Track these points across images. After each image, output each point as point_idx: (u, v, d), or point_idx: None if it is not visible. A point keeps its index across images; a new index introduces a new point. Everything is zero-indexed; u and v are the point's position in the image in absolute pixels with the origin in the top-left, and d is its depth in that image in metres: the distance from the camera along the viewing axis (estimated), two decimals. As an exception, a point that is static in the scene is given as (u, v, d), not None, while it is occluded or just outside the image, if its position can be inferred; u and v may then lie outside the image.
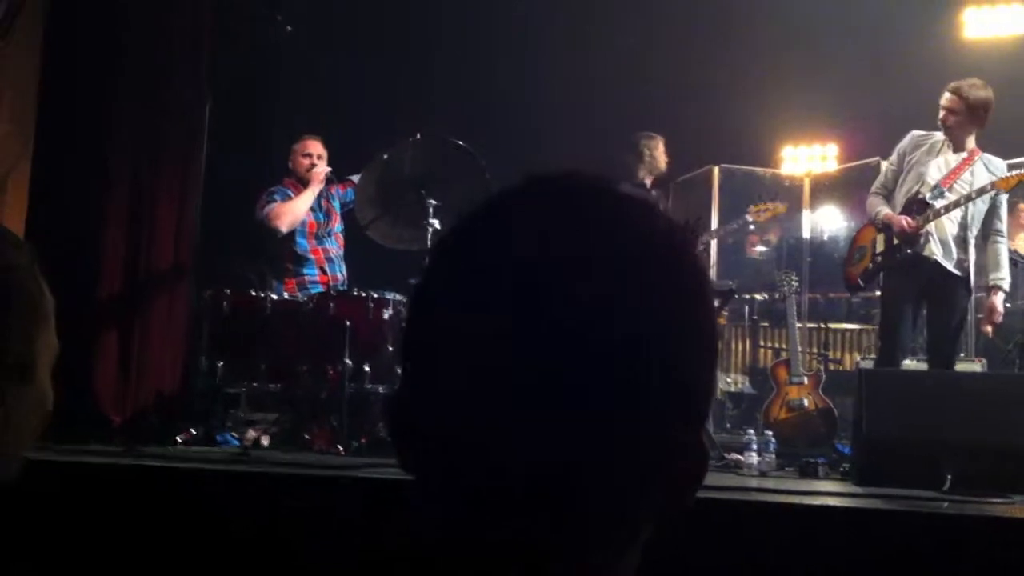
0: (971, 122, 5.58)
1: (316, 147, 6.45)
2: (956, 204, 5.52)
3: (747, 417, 6.81)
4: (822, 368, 7.10)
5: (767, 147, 8.74)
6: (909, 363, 6.09)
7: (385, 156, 5.82)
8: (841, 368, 7.34)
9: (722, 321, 7.28)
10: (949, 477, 4.41)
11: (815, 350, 7.15)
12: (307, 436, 5.44)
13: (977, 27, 9.27)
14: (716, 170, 8.13)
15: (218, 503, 4.11)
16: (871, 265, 5.78)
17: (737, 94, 8.26)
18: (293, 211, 6.26)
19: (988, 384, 5.26)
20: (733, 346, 7.72)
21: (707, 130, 7.96)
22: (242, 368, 5.64)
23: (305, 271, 6.35)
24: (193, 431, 5.46)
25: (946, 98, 5.60)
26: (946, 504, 4.03)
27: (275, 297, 5.83)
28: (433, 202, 5.71)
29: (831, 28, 8.41)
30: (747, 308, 7.74)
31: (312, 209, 6.37)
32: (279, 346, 5.61)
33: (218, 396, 5.68)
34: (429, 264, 0.78)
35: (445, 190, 5.69)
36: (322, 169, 6.32)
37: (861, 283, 5.89)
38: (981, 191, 5.54)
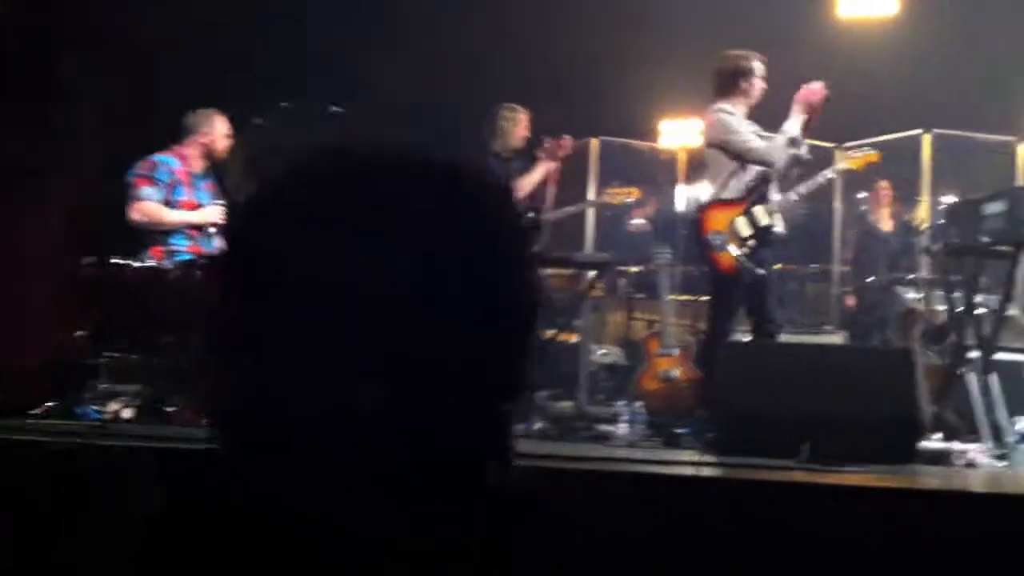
0: None
1: (223, 126, 6.09)
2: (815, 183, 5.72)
3: (620, 388, 6.87)
4: (694, 340, 7.19)
5: (646, 120, 8.78)
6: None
7: (259, 122, 5.68)
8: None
9: (598, 293, 7.33)
10: (805, 447, 4.50)
11: (687, 322, 7.24)
12: (169, 409, 5.31)
13: (850, 6, 9.45)
14: (594, 142, 8.15)
15: (71, 477, 3.98)
16: (746, 250, 5.78)
17: (617, 66, 8.29)
18: (160, 220, 5.97)
19: (846, 356, 5.40)
20: (608, 318, 7.78)
21: (586, 102, 7.96)
22: (103, 339, 5.47)
23: (172, 240, 6.14)
24: (49, 404, 5.27)
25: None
26: (797, 471, 4.12)
27: (136, 265, 5.65)
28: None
29: (710, 2, 8.48)
30: (622, 280, 7.79)
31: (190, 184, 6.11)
32: (141, 316, 5.45)
33: (77, 368, 5.50)
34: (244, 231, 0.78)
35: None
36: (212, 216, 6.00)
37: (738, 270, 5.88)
38: (835, 169, 5.73)
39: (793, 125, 5.77)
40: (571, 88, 8.03)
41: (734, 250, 5.71)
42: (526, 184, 6.63)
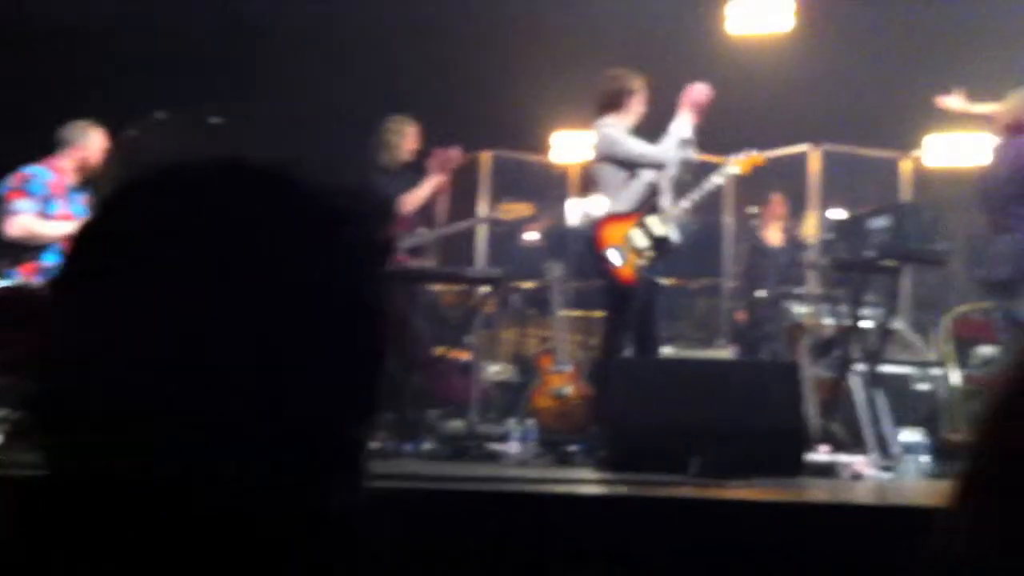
0: None
1: (99, 138, 5.90)
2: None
3: (513, 406, 6.78)
4: (587, 356, 7.15)
5: (538, 133, 8.72)
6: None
7: (132, 133, 5.46)
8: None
9: (489, 309, 7.23)
10: (695, 461, 4.46)
11: (581, 338, 7.19)
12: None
13: (739, 23, 9.55)
14: (485, 156, 8.04)
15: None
16: (645, 262, 5.77)
17: (509, 79, 8.23)
18: (37, 234, 5.72)
19: (733, 370, 5.40)
20: (500, 335, 7.68)
21: (477, 115, 7.88)
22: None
23: (45, 256, 5.87)
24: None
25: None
26: (687, 487, 4.08)
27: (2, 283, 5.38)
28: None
29: (603, 17, 8.48)
30: (515, 296, 7.70)
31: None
32: (7, 337, 5.17)
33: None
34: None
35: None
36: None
37: (636, 283, 5.85)
38: (721, 172, 5.79)
39: (681, 125, 5.80)
40: (462, 101, 7.94)
41: (632, 262, 5.70)
42: (415, 198, 6.52)
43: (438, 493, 4.24)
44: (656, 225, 5.77)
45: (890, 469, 5.01)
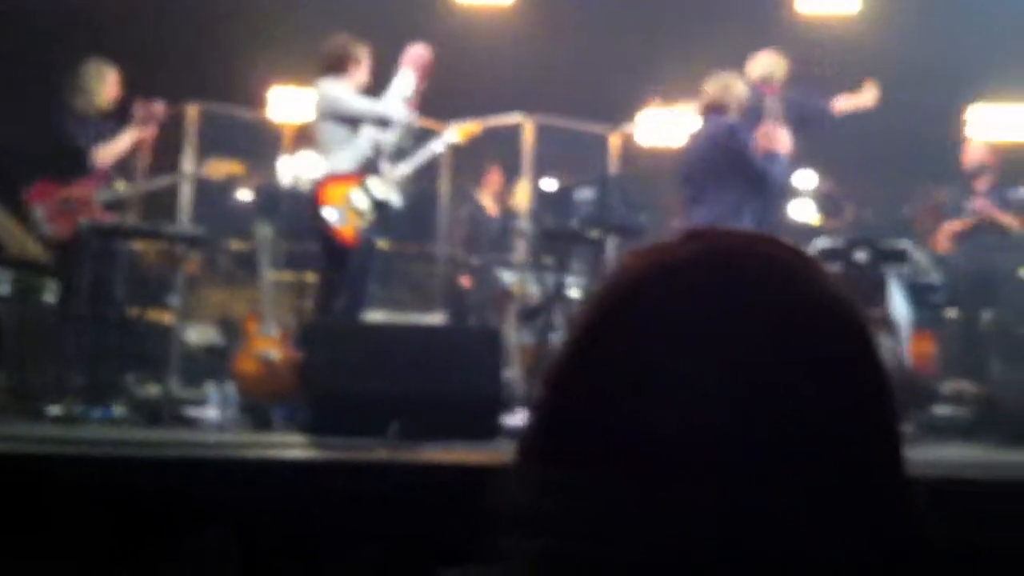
0: None
1: None
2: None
3: (218, 370, 6.53)
4: (296, 320, 6.97)
5: (253, 88, 8.38)
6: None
7: None
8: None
9: (193, 268, 6.91)
10: (394, 426, 4.45)
11: (291, 301, 7.00)
12: None
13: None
14: (193, 109, 7.63)
15: None
16: (364, 224, 5.69)
17: (224, 27, 7.91)
18: None
19: (435, 336, 5.41)
20: (205, 296, 7.36)
21: (187, 64, 7.49)
22: None
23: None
24: None
25: None
26: (384, 451, 4.06)
27: None
28: None
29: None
30: (222, 256, 7.41)
31: None
32: None
33: None
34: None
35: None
36: None
37: (356, 245, 5.75)
38: (441, 140, 5.83)
39: (402, 84, 5.76)
40: (170, 48, 7.53)
41: (352, 223, 5.61)
42: (115, 150, 6.15)
43: (124, 459, 4.03)
44: (377, 187, 5.72)
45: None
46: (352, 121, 5.71)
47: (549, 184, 6.89)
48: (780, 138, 5.89)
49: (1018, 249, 6.92)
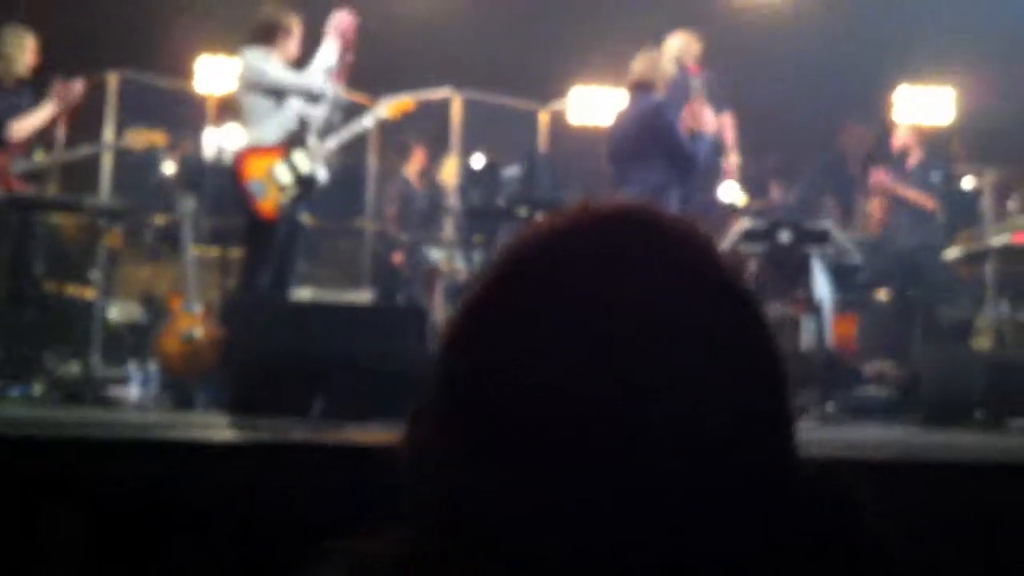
0: None
1: None
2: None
3: (140, 349, 6.41)
4: (220, 296, 6.87)
5: (175, 57, 8.21)
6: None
7: None
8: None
9: (115, 242, 6.77)
10: (317, 404, 4.40)
11: (217, 278, 6.89)
12: None
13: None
14: (113, 77, 7.44)
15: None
16: (288, 199, 5.60)
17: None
18: None
19: (363, 314, 5.35)
20: (127, 272, 7.21)
21: (108, 32, 7.30)
22: None
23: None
24: None
25: None
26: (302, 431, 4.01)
27: None
28: None
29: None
30: (145, 231, 7.25)
31: None
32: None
33: None
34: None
35: None
36: None
37: (278, 219, 5.67)
38: (370, 115, 5.77)
39: (326, 54, 5.67)
40: (91, 14, 7.32)
41: (275, 198, 5.52)
42: (30, 124, 5.98)
43: (39, 440, 3.94)
44: (302, 162, 5.61)
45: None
46: (277, 93, 5.61)
47: (477, 161, 6.86)
48: (706, 118, 5.92)
49: (940, 229, 7.05)
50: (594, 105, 8.91)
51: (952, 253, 6.84)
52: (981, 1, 8.98)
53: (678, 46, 6.56)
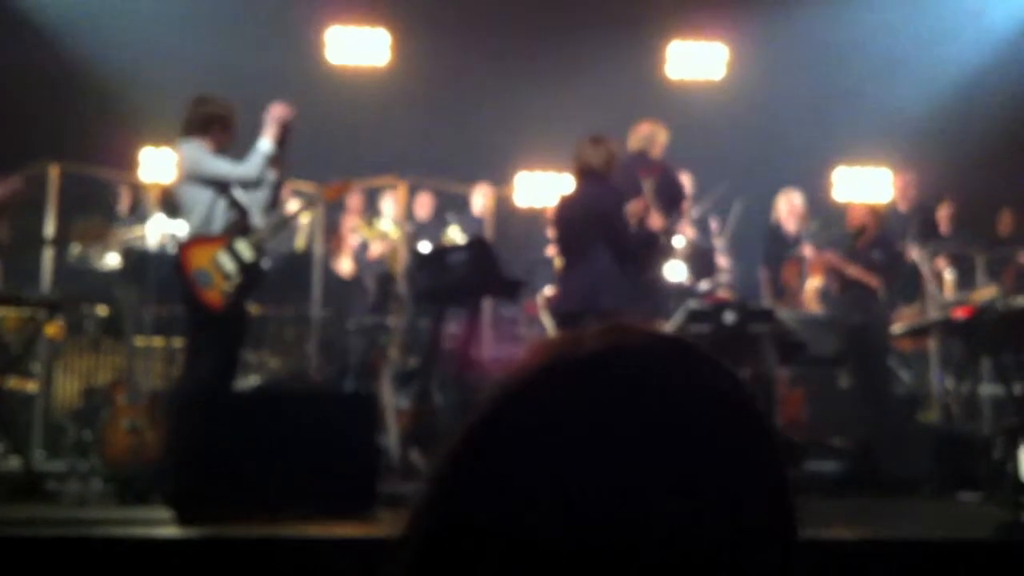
0: None
1: None
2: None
3: (82, 441, 6.28)
4: (165, 387, 6.76)
5: (117, 148, 8.20)
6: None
7: None
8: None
9: (56, 333, 6.65)
10: (269, 497, 4.33)
11: (161, 368, 6.79)
12: None
13: (338, 55, 9.62)
14: (55, 168, 7.34)
15: None
16: (232, 287, 5.54)
17: (94, 91, 7.73)
18: None
19: (310, 402, 5.25)
20: (71, 363, 7.08)
21: (50, 125, 7.29)
22: None
23: None
24: None
25: None
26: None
27: None
28: None
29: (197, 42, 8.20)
30: (87, 321, 7.12)
31: None
32: None
33: None
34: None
35: None
36: None
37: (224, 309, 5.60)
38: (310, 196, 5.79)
39: (265, 143, 5.67)
40: (34, 108, 7.30)
41: (219, 286, 5.46)
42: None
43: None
44: (244, 249, 5.57)
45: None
46: (216, 183, 5.59)
47: (424, 246, 6.88)
48: (652, 219, 6.03)
49: (885, 305, 7.14)
50: (539, 189, 9.03)
51: (896, 328, 6.95)
52: (913, 84, 9.28)
53: (644, 135, 6.64)
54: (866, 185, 9.60)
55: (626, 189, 6.01)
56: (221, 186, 5.58)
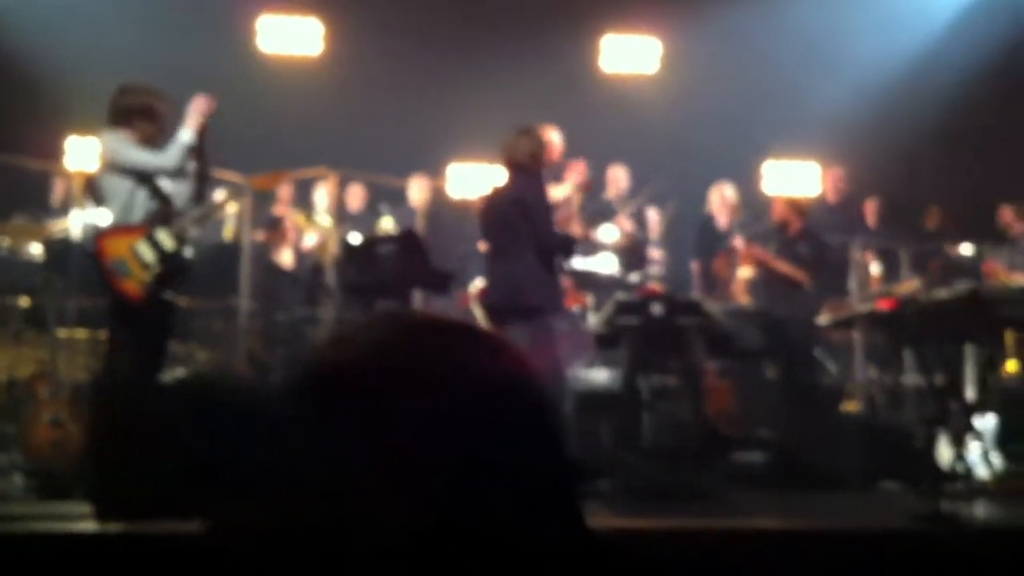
0: None
1: None
2: None
3: (3, 434, 6.15)
4: (89, 380, 6.63)
5: (39, 138, 8.04)
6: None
7: None
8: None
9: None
10: (194, 493, 4.27)
11: (84, 360, 6.66)
12: None
13: (270, 44, 9.52)
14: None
15: None
16: (152, 278, 5.45)
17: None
18: None
19: (238, 396, 5.20)
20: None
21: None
22: None
23: None
24: None
25: None
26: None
27: None
28: None
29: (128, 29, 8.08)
30: (8, 313, 6.97)
31: None
32: None
33: None
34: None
35: None
36: None
37: (143, 299, 5.50)
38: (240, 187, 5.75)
39: (186, 133, 5.59)
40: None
41: (139, 277, 5.36)
42: None
43: None
44: (166, 239, 5.48)
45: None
46: (137, 173, 5.50)
47: (354, 238, 6.82)
48: (573, 226, 6.10)
49: (811, 298, 7.24)
50: (471, 180, 9.01)
51: (822, 320, 7.04)
52: (843, 80, 9.41)
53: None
54: (795, 179, 9.72)
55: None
56: (141, 176, 5.50)
